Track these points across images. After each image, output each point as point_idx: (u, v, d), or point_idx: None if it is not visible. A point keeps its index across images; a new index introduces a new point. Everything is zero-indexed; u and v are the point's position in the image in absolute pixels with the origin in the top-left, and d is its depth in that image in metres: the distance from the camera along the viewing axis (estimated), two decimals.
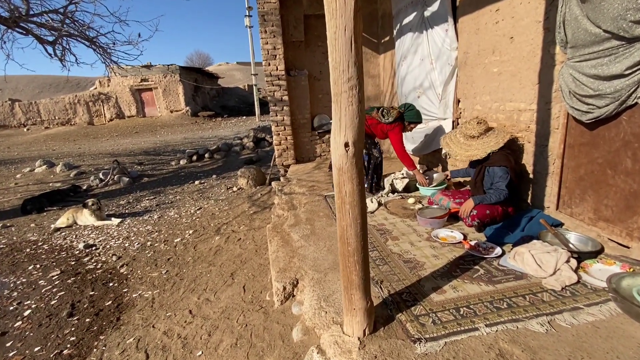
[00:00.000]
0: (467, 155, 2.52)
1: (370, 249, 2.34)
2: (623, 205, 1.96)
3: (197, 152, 8.63)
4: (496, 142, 2.46)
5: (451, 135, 2.68)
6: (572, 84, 2.08)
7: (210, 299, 2.57)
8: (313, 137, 5.99)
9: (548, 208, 2.53)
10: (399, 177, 3.56)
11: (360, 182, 1.31)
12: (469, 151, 2.52)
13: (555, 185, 2.43)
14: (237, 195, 5.68)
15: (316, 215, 3.13)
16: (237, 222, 4.33)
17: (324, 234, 2.68)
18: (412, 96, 4.34)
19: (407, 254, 2.24)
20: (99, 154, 10.16)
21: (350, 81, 1.19)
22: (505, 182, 2.40)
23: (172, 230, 4.30)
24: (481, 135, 2.52)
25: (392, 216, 2.93)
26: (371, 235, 2.56)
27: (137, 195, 6.14)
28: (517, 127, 2.72)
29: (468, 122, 2.61)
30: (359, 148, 1.27)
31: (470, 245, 2.21)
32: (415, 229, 2.64)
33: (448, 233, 2.46)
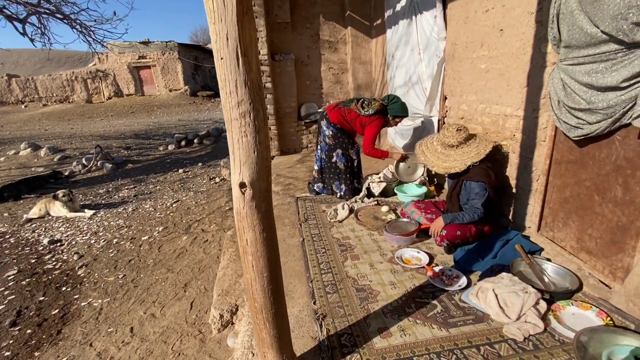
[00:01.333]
0: (444, 167, 2.23)
1: (325, 270, 2.12)
2: (608, 238, 1.69)
3: (186, 137, 8.38)
4: (477, 153, 2.16)
5: (428, 142, 2.38)
6: (561, 92, 1.76)
7: (156, 314, 2.40)
8: (299, 127, 5.68)
9: (529, 228, 2.26)
10: (375, 180, 3.29)
11: (267, 228, 1.06)
12: (446, 162, 2.22)
13: (538, 204, 2.15)
14: (219, 187, 5.47)
15: (280, 222, 2.90)
16: (210, 219, 4.13)
17: (282, 247, 2.46)
18: (402, 91, 3.98)
19: (363, 279, 2.01)
20: (90, 136, 9.97)
21: (240, 106, 0.91)
22: (481, 200, 2.12)
23: (143, 226, 4.13)
24: (461, 144, 2.22)
25: (360, 227, 2.69)
26: (331, 252, 2.34)
27: (117, 184, 5.97)
28: (502, 134, 2.40)
29: (446, 129, 2.30)
30: (262, 188, 1.01)
31: (433, 272, 1.97)
32: (380, 245, 2.40)
33: (413, 254, 2.22)
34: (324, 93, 5.75)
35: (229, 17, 0.84)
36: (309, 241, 2.50)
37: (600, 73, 1.54)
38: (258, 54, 0.93)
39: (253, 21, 0.89)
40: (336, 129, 3.15)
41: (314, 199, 3.39)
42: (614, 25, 1.37)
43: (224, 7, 0.83)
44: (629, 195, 1.56)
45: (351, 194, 3.29)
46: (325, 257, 2.27)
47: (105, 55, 19.08)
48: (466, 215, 2.14)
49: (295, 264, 2.24)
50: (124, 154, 7.77)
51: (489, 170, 2.17)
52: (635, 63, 1.38)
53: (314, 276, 2.06)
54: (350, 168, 3.26)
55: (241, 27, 0.85)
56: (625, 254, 1.60)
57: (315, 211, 3.08)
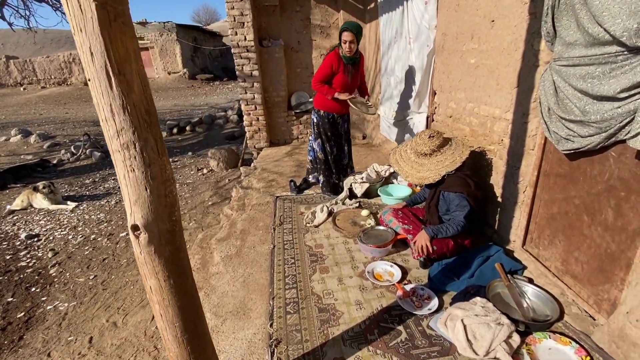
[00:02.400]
0: (418, 177, 2.04)
1: (290, 285, 1.98)
2: (596, 265, 1.51)
3: (179, 124, 8.18)
4: (452, 162, 1.96)
5: (401, 150, 2.17)
6: (552, 98, 1.54)
7: (118, 323, 2.30)
8: (289, 117, 5.45)
9: (513, 242, 2.08)
10: (358, 180, 3.10)
11: (175, 273, 0.90)
12: (420, 172, 2.03)
13: (524, 217, 1.96)
14: (205, 179, 5.32)
15: (254, 225, 2.75)
16: (191, 215, 4.01)
17: (250, 255, 2.32)
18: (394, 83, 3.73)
19: (329, 296, 1.87)
20: (83, 121, 9.82)
21: (121, 136, 0.73)
22: (464, 212, 1.94)
23: (123, 220, 4.02)
24: (434, 152, 2.01)
25: (336, 234, 2.53)
26: (300, 263, 2.19)
27: (105, 174, 5.85)
28: (490, 138, 2.19)
29: (419, 136, 2.09)
30: (162, 230, 0.85)
31: (403, 291, 1.82)
32: (354, 255, 2.25)
33: (386, 268, 2.06)
34: None
35: (89, 27, 0.65)
36: (279, 249, 2.36)
37: (597, 79, 1.32)
38: (143, 69, 0.74)
39: (129, 29, 0.70)
40: (319, 117, 3.01)
41: (294, 199, 3.23)
42: (626, 25, 1.13)
43: (82, 13, 0.64)
44: (620, 220, 1.37)
45: (328, 187, 3.17)
46: (294, 268, 2.13)
47: None
48: (450, 228, 1.96)
49: (261, 276, 2.10)
50: None
51: (468, 178, 1.97)
52: (637, 70, 1.16)
53: (277, 292, 1.93)
54: (327, 160, 3.09)
55: (109, 39, 0.66)
56: (613, 286, 1.42)
57: (293, 213, 2.92)
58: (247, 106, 5.05)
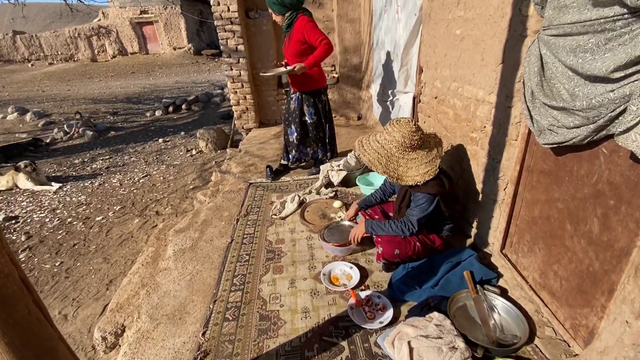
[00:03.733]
0: (393, 175, 1.75)
1: (237, 286, 1.81)
2: (576, 284, 1.25)
3: (174, 102, 7.97)
4: (429, 170, 1.65)
5: (371, 140, 1.86)
6: (536, 77, 1.23)
7: (68, 316, 2.21)
8: (280, 96, 5.14)
9: (492, 245, 1.82)
10: (335, 167, 2.84)
11: None
12: (407, 172, 1.73)
13: (504, 218, 1.69)
14: (193, 160, 5.16)
15: (219, 215, 2.57)
16: (170, 200, 3.87)
17: (205, 250, 2.15)
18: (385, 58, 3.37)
19: (275, 302, 1.69)
20: (82, 99, 9.73)
21: None
22: (421, 214, 1.68)
23: (102, 204, 3.93)
24: (418, 146, 1.71)
25: (302, 227, 2.32)
26: (254, 260, 2.01)
27: (95, 154, 5.77)
28: (472, 124, 1.88)
29: (398, 125, 1.74)
30: None
31: (357, 299, 1.61)
32: (315, 253, 2.05)
33: (345, 269, 1.85)
34: None
35: None
36: (237, 243, 2.18)
37: (589, 52, 1.01)
38: None
39: None
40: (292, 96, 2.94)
41: (268, 186, 3.02)
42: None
43: None
44: (607, 235, 1.09)
45: (296, 162, 3.17)
46: (245, 267, 1.95)
47: (104, 14, 18.27)
48: (394, 226, 1.73)
49: (209, 274, 1.93)
50: (109, 120, 7.51)
51: (443, 176, 1.70)
52: (638, 40, 0.85)
53: (221, 294, 1.76)
54: (299, 136, 3.02)
55: None
56: (592, 311, 1.17)
57: (263, 202, 2.72)
58: (233, 84, 4.77)
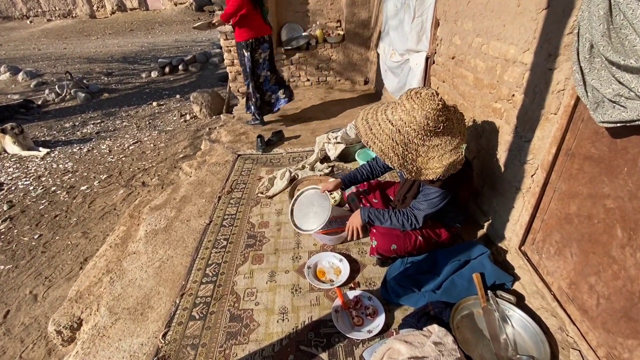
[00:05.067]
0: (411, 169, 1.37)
1: (210, 277, 1.59)
2: (620, 306, 0.97)
3: (171, 62, 7.48)
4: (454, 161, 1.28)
5: (380, 118, 1.45)
6: (601, 25, 0.86)
7: (38, 296, 2.07)
8: (279, 55, 4.66)
9: (509, 240, 1.53)
10: (332, 140, 2.51)
11: None
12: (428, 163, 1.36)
13: (527, 210, 1.38)
14: (186, 126, 4.86)
15: (199, 191, 2.32)
16: (158, 169, 3.63)
17: (179, 232, 1.92)
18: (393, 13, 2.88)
19: (251, 298, 1.47)
20: (77, 57, 9.26)
21: None
22: (430, 210, 1.37)
23: (89, 172, 3.72)
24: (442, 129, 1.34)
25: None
26: (232, 247, 1.77)
27: (86, 117, 5.49)
28: (497, 92, 1.51)
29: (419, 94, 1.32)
30: None
31: (343, 300, 1.38)
32: (301, 240, 1.80)
33: (334, 262, 1.61)
34: (310, 11, 4.56)
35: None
36: (215, 225, 1.94)
37: None
38: None
39: None
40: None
41: (258, 158, 2.73)
42: None
43: None
44: None
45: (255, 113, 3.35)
46: (222, 254, 1.72)
47: None
48: (394, 218, 1.44)
49: (181, 261, 1.71)
50: (103, 81, 7.12)
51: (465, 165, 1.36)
52: None
53: (191, 286, 1.54)
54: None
55: None
56: None
57: (250, 178, 2.45)
58: (226, 41, 4.31)
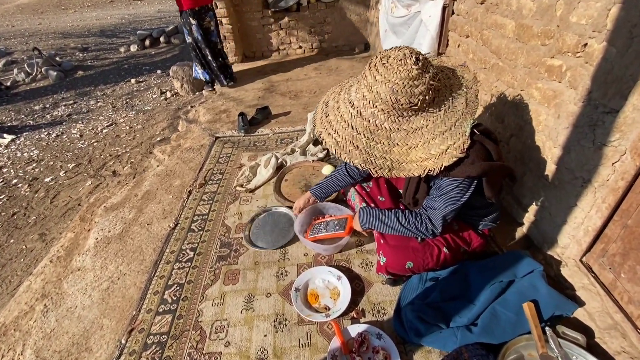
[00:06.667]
0: (387, 166, 0.94)
1: (169, 304, 1.22)
2: None
3: (151, 34, 6.82)
4: (450, 146, 0.88)
5: (341, 101, 1.02)
6: None
7: None
8: (265, 19, 4.09)
9: (564, 247, 1.14)
10: None
11: None
12: (388, 154, 0.95)
13: (600, 210, 0.98)
14: (167, 105, 4.37)
15: (166, 185, 1.91)
16: (132, 155, 3.21)
17: (137, 240, 1.54)
18: None
19: (218, 337, 1.10)
20: (52, 33, 8.53)
21: None
22: (450, 207, 0.97)
23: (55, 160, 3.31)
24: (425, 104, 0.90)
25: (276, 203, 1.66)
26: (201, 259, 1.39)
27: (58, 98, 4.98)
28: (558, 43, 1.06)
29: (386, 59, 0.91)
30: None
31: (343, 342, 1.01)
32: (287, 250, 1.41)
33: (330, 280, 1.23)
34: None
35: None
36: (182, 230, 1.55)
37: None
38: None
39: None
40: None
41: (239, 141, 2.30)
42: None
43: None
44: None
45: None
46: (186, 271, 1.34)
47: None
48: (404, 222, 1.03)
49: (135, 280, 1.34)
50: (78, 57, 6.51)
51: (486, 138, 0.94)
52: None
53: (144, 317, 1.18)
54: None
55: None
56: None
57: (228, 166, 2.03)
58: None
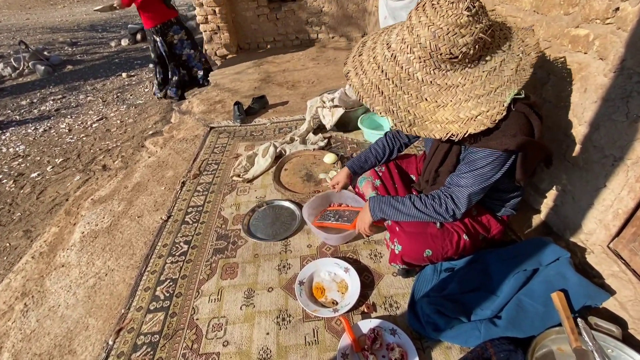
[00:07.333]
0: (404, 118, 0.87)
1: (161, 301, 1.11)
2: None
3: (143, 28, 6.64)
4: (482, 113, 0.78)
5: (378, 44, 0.94)
6: None
7: None
8: (261, 9, 3.97)
9: (587, 234, 1.06)
10: (327, 103, 1.96)
11: None
12: (436, 112, 0.85)
13: (633, 193, 0.90)
14: (159, 98, 4.23)
15: (158, 176, 1.80)
16: (123, 149, 3.08)
17: (127, 233, 1.43)
18: None
19: (215, 336, 1.01)
20: (40, 28, 8.30)
21: None
22: (478, 186, 0.87)
23: (42, 155, 3.17)
24: (467, 60, 0.80)
25: (277, 195, 1.57)
26: (195, 253, 1.29)
27: (46, 93, 4.82)
28: (584, 10, 0.97)
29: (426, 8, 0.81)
30: None
31: (354, 338, 0.92)
32: (289, 242, 1.32)
33: (337, 273, 1.14)
34: None
35: None
36: (175, 222, 1.45)
37: None
38: None
39: None
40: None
41: (235, 131, 2.19)
42: None
43: None
44: None
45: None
46: (180, 266, 1.24)
47: None
48: (422, 206, 0.92)
49: (124, 276, 1.24)
50: (67, 51, 6.32)
51: (530, 110, 0.85)
52: None
53: (134, 316, 1.08)
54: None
55: None
56: None
57: (224, 156, 1.93)
58: None
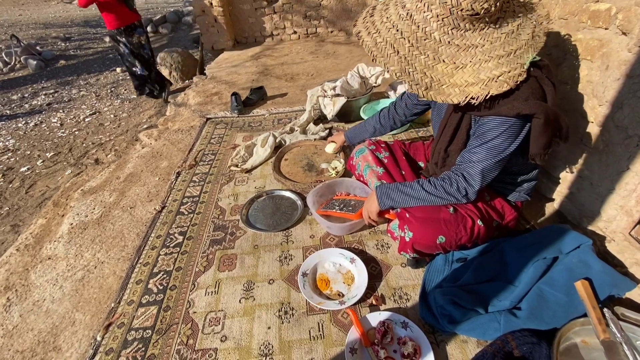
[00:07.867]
0: (420, 80, 0.82)
1: (154, 294, 1.04)
2: None
3: None
4: (503, 74, 0.73)
5: (391, 5, 0.89)
6: None
7: None
8: (258, 2, 3.90)
9: (606, 221, 1.00)
10: (328, 92, 1.90)
11: None
12: (454, 74, 0.79)
13: None
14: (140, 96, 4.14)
15: (152, 166, 1.73)
16: (116, 143, 3.00)
17: (118, 225, 1.35)
18: None
19: (213, 331, 0.94)
20: (33, 23, 8.16)
21: None
22: (492, 160, 0.81)
23: (33, 150, 3.07)
24: (487, 19, 0.74)
25: (277, 185, 1.50)
26: (191, 244, 1.22)
27: (38, 87, 4.71)
28: None
29: None
30: None
31: (363, 332, 0.85)
32: (291, 232, 1.25)
33: (343, 264, 1.07)
34: None
35: None
36: (169, 213, 1.37)
37: None
38: None
39: None
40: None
41: (232, 122, 2.12)
42: None
43: None
44: None
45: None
46: (174, 257, 1.17)
47: None
48: (431, 189, 0.87)
49: (115, 268, 1.16)
50: (60, 46, 6.20)
51: (544, 77, 0.79)
52: None
53: (124, 310, 1.00)
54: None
55: None
56: None
57: (221, 146, 1.85)
58: None
